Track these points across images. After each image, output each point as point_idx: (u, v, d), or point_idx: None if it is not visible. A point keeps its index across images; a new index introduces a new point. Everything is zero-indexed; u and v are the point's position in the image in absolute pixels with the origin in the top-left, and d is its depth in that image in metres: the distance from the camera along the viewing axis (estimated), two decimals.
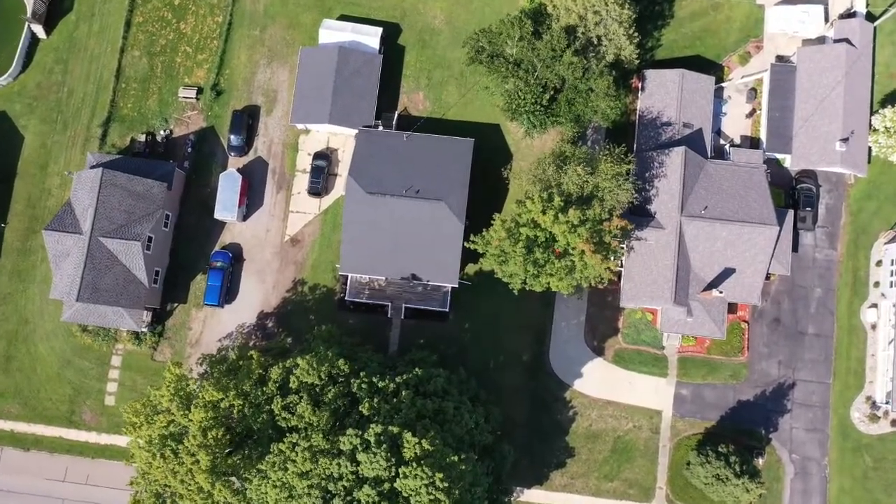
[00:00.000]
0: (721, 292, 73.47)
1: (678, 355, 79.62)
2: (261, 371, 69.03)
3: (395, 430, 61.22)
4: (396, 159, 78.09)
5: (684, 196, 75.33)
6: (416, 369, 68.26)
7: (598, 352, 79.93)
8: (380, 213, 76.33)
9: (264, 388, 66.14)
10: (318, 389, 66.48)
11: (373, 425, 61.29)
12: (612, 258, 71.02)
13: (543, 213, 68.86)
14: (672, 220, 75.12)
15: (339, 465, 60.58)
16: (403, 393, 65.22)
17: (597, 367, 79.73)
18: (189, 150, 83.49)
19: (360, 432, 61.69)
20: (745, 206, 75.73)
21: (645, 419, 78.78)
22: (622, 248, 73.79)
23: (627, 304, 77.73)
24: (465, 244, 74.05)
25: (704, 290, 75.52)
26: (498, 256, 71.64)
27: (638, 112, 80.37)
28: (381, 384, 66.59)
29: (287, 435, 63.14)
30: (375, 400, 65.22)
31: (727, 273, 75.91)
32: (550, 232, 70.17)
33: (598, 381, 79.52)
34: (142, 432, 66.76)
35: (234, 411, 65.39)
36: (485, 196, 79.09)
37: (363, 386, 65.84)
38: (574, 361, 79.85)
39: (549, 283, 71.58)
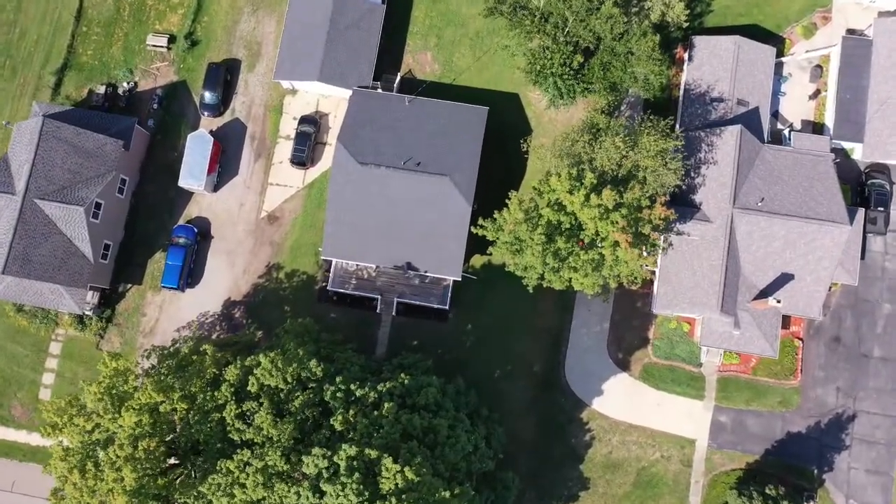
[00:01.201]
0: (779, 302, 58.95)
1: (718, 375, 65.17)
2: (215, 370, 54.82)
3: (373, 453, 46.85)
4: (396, 126, 63.97)
5: (737, 184, 61.00)
6: (404, 376, 53.83)
7: (623, 366, 65.51)
8: (372, 188, 62.16)
9: (216, 392, 51.85)
10: (282, 395, 52.24)
11: (345, 446, 47.02)
12: (650, 253, 56.65)
13: (571, 192, 54.57)
14: (722, 213, 60.77)
15: (298, 494, 46.23)
16: (386, 405, 50.92)
17: (620, 383, 65.32)
18: (155, 106, 69.52)
19: (330, 452, 47.31)
20: (809, 200, 61.33)
21: (675, 449, 64.26)
22: (662, 242, 59.34)
23: (661, 311, 63.35)
24: (472, 229, 59.77)
25: (756, 298, 61.10)
26: (511, 244, 57.41)
27: (683, 85, 66.08)
28: (359, 392, 52.32)
29: (239, 451, 48.81)
30: (351, 412, 50.94)
31: (783, 279, 61.45)
32: (577, 217, 55.88)
33: (622, 401, 65.08)
34: (65, 435, 52.53)
35: (177, 417, 51.09)
36: (497, 176, 64.80)
37: (338, 394, 51.60)
38: (594, 376, 65.43)
39: (571, 280, 57.26)
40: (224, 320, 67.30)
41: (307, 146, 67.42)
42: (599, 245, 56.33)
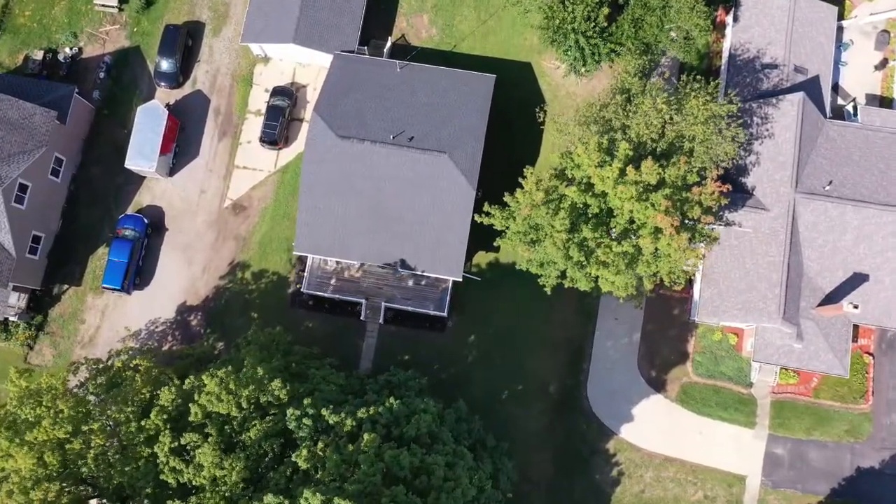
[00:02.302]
0: (856, 307, 46.34)
1: (772, 397, 52.49)
2: (150, 390, 42.10)
3: None
4: (385, 95, 51.73)
5: (800, 164, 48.69)
6: (392, 400, 41.12)
7: (658, 386, 52.82)
8: (355, 168, 49.79)
9: (145, 421, 39.12)
10: (234, 424, 39.46)
11: (307, 492, 34.24)
12: (701, 244, 44.22)
13: (600, 167, 42.19)
14: (781, 199, 48.47)
15: None
16: (366, 437, 38.25)
17: (654, 407, 52.62)
18: (102, 75, 57.35)
19: (287, 502, 34.52)
20: (887, 184, 49.08)
21: (721, 487, 51.43)
22: (714, 229, 46.79)
23: (704, 320, 50.92)
24: (476, 218, 47.39)
25: (822, 303, 48.63)
26: (526, 234, 45.01)
27: (728, 50, 53.87)
28: (332, 419, 39.64)
29: (170, 501, 35.99)
30: (321, 445, 38.22)
31: (856, 281, 49.12)
32: (607, 199, 43.53)
33: (656, 429, 52.35)
34: None
35: (90, 457, 38.23)
36: (504, 161, 52.30)
37: (304, 421, 38.89)
38: (622, 398, 52.74)
39: (598, 279, 44.78)
40: (178, 329, 54.65)
41: (280, 122, 55.12)
42: (634, 235, 43.84)
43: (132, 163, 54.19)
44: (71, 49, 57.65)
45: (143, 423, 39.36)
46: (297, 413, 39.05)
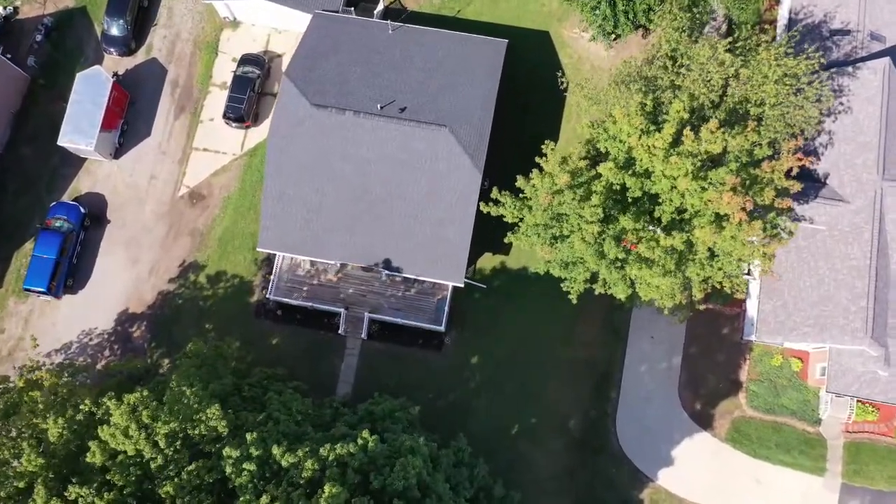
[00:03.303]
0: None
1: (846, 438, 41.47)
2: (54, 416, 31.20)
3: None
4: (372, 60, 41.49)
5: (887, 146, 38.22)
6: (367, 436, 30.10)
7: (703, 421, 41.86)
8: (333, 145, 39.37)
9: (29, 458, 28.18)
10: (153, 469, 28.46)
11: None
12: (782, 235, 33.52)
13: (646, 134, 31.70)
14: (864, 188, 37.98)
15: None
16: (328, 490, 27.14)
17: (699, 448, 41.61)
18: (40, 38, 47.29)
19: None
20: None
21: None
22: (790, 220, 36.05)
23: (762, 340, 40.25)
24: (483, 207, 36.80)
25: None
26: (546, 227, 34.35)
27: (787, 14, 43.60)
28: (286, 461, 28.55)
29: None
30: (266, 498, 27.08)
31: None
32: (651, 179, 33.00)
33: (702, 475, 41.29)
34: None
35: None
36: (517, 144, 41.57)
37: (246, 466, 27.80)
38: (659, 435, 41.76)
39: (638, 283, 34.09)
40: (117, 342, 43.87)
41: (248, 96, 44.82)
42: (687, 225, 33.25)
43: (67, 139, 43.87)
44: (4, 8, 47.63)
45: (27, 459, 28.44)
46: (236, 454, 28.09)
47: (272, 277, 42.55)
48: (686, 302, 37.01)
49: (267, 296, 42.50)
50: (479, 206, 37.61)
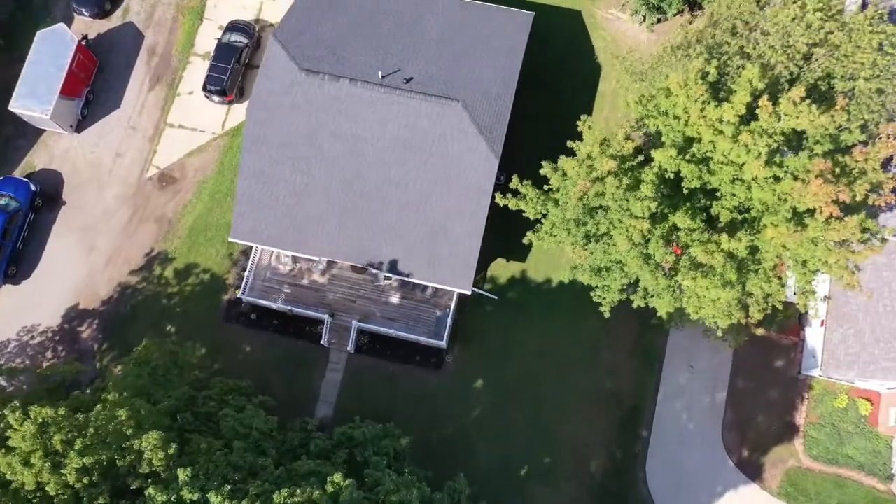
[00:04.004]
0: None
1: None
2: None
3: None
4: (376, 22, 34.79)
5: None
6: (338, 479, 22.79)
7: (751, 471, 34.37)
8: (324, 119, 32.61)
9: None
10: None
11: None
12: (873, 242, 26.29)
13: (713, 104, 24.74)
14: None
15: None
16: None
17: (746, 501, 33.98)
18: None
19: None
20: None
21: None
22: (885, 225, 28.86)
23: (828, 375, 32.90)
24: (500, 199, 29.78)
25: None
26: (578, 223, 27.26)
27: None
28: None
29: None
30: None
31: None
32: (710, 169, 25.99)
33: None
34: None
35: None
36: (539, 137, 34.64)
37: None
38: (698, 484, 34.29)
39: (688, 296, 26.91)
40: (63, 342, 36.92)
41: (233, 67, 38.29)
42: (754, 225, 26.21)
43: (20, 104, 37.43)
44: None
45: None
46: (162, 498, 20.93)
47: (246, 275, 35.62)
48: (741, 324, 29.81)
49: (239, 296, 35.51)
50: (493, 198, 30.69)
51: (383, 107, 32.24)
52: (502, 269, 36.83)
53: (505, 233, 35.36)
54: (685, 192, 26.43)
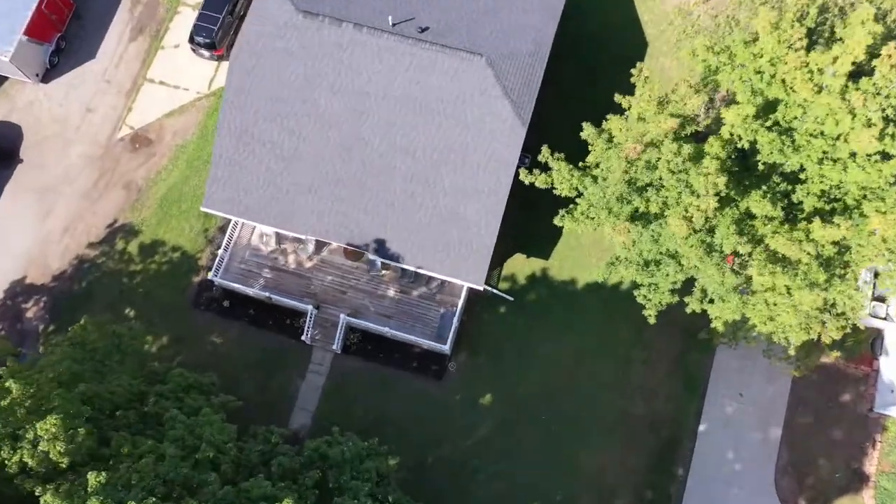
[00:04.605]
0: None
1: None
2: None
3: None
4: None
5: None
6: None
7: None
8: (321, 70, 27.01)
9: None
10: None
11: None
12: None
13: (818, 49, 18.85)
14: None
15: None
16: None
17: None
18: None
19: None
20: None
21: None
22: None
23: None
24: (525, 177, 23.95)
25: None
26: (623, 201, 21.32)
27: None
28: None
29: None
30: None
31: None
32: (794, 144, 19.98)
33: None
34: None
35: None
36: (571, 116, 28.50)
37: None
38: None
39: (754, 303, 20.77)
40: (4, 319, 31.26)
41: (224, 18, 32.88)
42: (851, 214, 20.23)
43: None
44: None
45: None
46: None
47: (220, 253, 29.87)
48: (814, 343, 23.78)
49: (211, 277, 29.73)
50: (517, 176, 24.97)
51: (392, 58, 26.63)
52: (521, 266, 30.93)
53: (526, 223, 29.75)
54: (760, 169, 20.52)
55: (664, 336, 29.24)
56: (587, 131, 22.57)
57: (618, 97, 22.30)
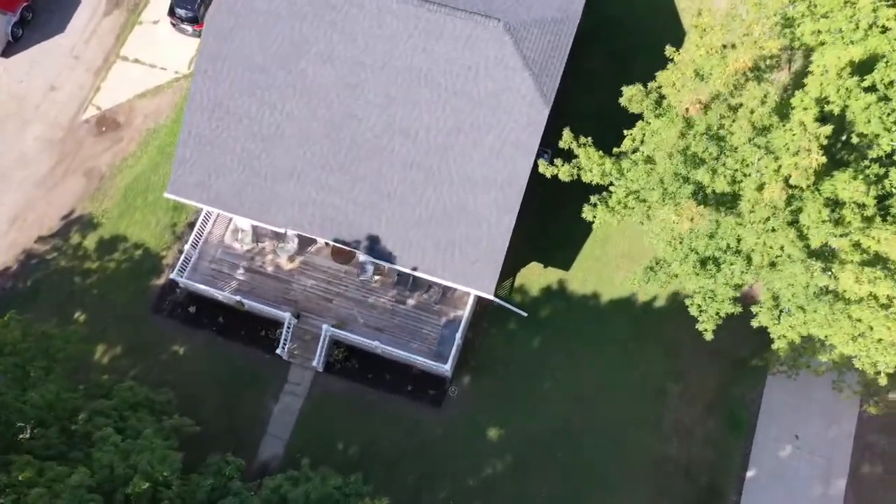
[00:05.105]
0: None
1: None
2: None
3: None
4: None
5: None
6: None
7: None
8: (310, 32, 22.71)
9: None
10: None
11: None
12: None
13: None
14: None
15: None
16: None
17: None
18: None
19: None
20: None
21: None
22: None
23: None
24: (545, 168, 19.41)
25: None
26: (678, 181, 16.71)
27: None
28: None
29: None
30: None
31: None
32: (888, 113, 15.35)
33: None
34: None
35: None
36: (595, 110, 24.24)
37: None
38: None
39: (836, 315, 15.95)
40: None
41: None
42: None
43: None
44: None
45: None
46: None
47: (187, 248, 25.30)
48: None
49: (174, 277, 25.10)
50: (537, 162, 20.50)
51: (394, 22, 22.37)
52: (536, 277, 26.24)
53: (543, 226, 25.31)
54: (856, 141, 15.96)
55: (703, 364, 24.45)
56: (629, 92, 18.22)
57: (669, 50, 17.95)
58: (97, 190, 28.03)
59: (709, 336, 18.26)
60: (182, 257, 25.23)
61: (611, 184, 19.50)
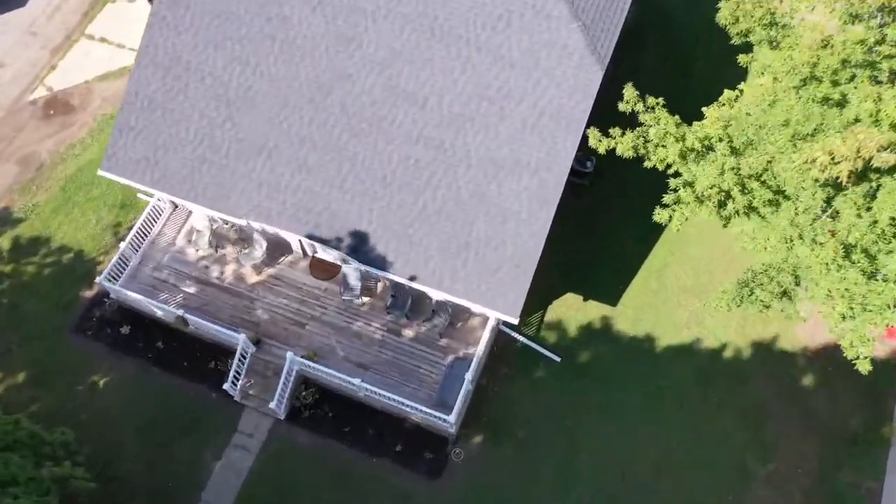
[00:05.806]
0: None
1: None
2: None
3: None
4: None
5: None
6: None
7: None
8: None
9: None
10: None
11: None
12: None
13: None
14: None
15: None
16: None
17: None
18: None
19: None
20: None
21: None
22: None
23: None
24: (596, 142, 13.58)
25: None
26: (811, 118, 10.71)
27: None
28: None
29: None
30: None
31: None
32: None
33: None
34: None
35: None
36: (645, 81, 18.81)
37: None
38: None
39: None
40: None
41: None
42: None
43: None
44: None
45: None
46: None
47: (123, 248, 19.32)
48: None
49: (101, 281, 19.01)
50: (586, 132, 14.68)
51: None
52: (573, 311, 19.89)
53: (582, 247, 19.21)
54: None
55: (799, 435, 17.70)
56: (723, 11, 12.78)
57: None
58: (31, 180, 22.46)
59: (865, 367, 11.72)
60: (115, 258, 19.22)
61: (676, 174, 13.74)
